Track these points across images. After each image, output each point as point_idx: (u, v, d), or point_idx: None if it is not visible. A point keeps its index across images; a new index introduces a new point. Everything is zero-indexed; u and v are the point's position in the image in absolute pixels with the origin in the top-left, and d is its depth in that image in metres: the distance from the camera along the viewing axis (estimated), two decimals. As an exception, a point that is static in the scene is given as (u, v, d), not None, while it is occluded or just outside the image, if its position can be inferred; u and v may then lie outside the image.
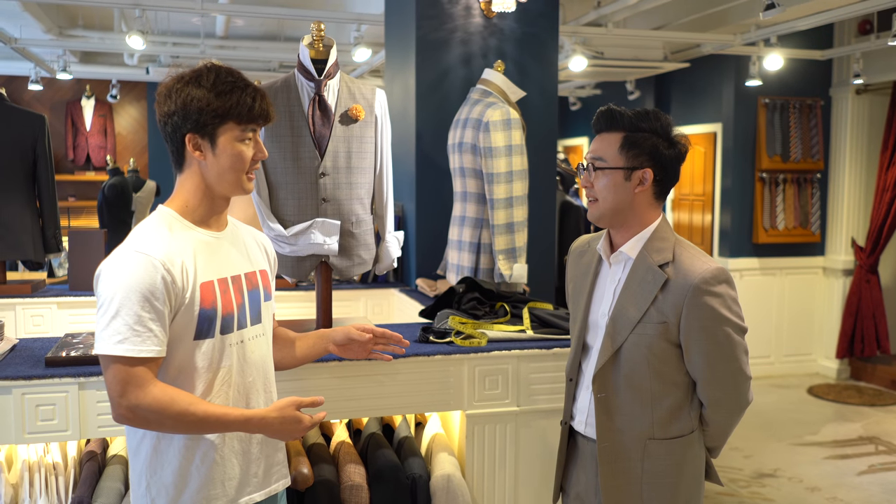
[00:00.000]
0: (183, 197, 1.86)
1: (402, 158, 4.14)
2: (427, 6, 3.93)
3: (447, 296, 3.06)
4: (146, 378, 1.69)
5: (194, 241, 1.82)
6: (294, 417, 1.82)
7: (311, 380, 2.51)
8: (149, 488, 1.81)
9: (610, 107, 2.02)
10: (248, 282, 1.92)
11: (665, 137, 1.97)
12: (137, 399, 1.67)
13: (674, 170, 2.00)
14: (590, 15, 5.72)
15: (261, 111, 1.83)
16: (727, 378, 1.96)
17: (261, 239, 2.08)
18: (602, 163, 1.99)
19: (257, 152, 1.86)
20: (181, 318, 1.76)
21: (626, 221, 2.01)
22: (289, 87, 2.66)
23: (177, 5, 5.31)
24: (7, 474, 2.39)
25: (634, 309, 1.96)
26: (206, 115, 1.78)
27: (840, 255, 7.13)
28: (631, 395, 2.00)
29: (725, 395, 1.98)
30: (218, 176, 1.83)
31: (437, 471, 2.62)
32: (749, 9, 5.98)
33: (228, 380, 1.84)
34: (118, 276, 1.69)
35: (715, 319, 1.90)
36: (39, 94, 9.64)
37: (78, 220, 9.72)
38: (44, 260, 4.02)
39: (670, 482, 2.00)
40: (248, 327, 1.90)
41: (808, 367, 7.33)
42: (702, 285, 1.89)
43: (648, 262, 1.97)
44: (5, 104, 3.89)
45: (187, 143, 1.81)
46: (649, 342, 1.94)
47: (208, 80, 1.79)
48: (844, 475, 4.86)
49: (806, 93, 7.09)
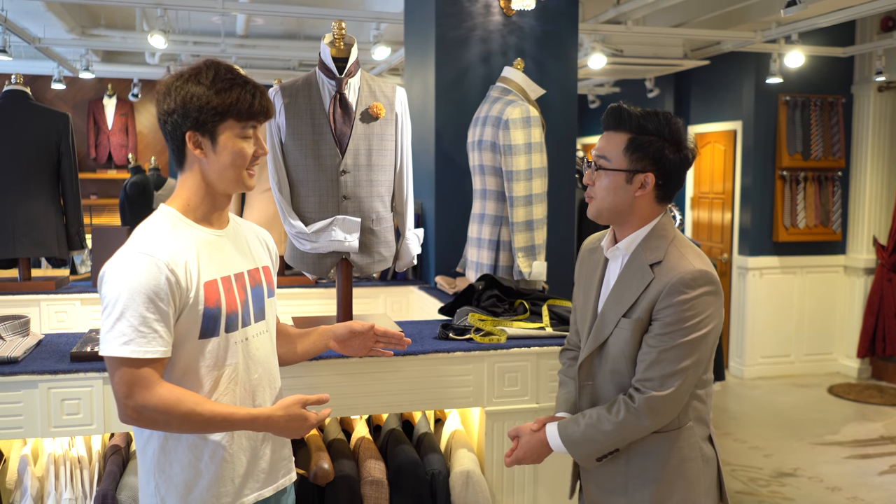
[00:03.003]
0: (184, 195, 1.85)
1: (422, 156, 4.16)
2: (447, 4, 3.94)
3: (466, 293, 3.07)
4: (152, 379, 1.68)
5: (197, 239, 1.82)
6: (300, 415, 1.82)
7: (330, 376, 2.53)
8: (157, 487, 1.81)
9: (620, 105, 1.98)
10: (251, 279, 1.92)
11: (672, 142, 1.94)
12: (144, 400, 1.67)
13: (678, 175, 1.97)
14: (609, 13, 5.70)
15: (261, 108, 1.81)
16: (661, 376, 1.89)
17: (262, 235, 2.08)
18: (605, 162, 1.98)
19: (258, 149, 1.85)
20: (186, 318, 1.75)
21: (626, 220, 2.00)
22: (310, 85, 2.68)
23: (198, 4, 5.35)
24: (33, 467, 2.43)
25: (620, 304, 1.97)
26: (205, 113, 1.76)
27: (861, 254, 7.08)
28: (615, 388, 2.01)
29: (643, 392, 1.90)
30: (219, 173, 1.82)
31: (456, 467, 2.63)
32: (770, 6, 5.94)
33: (235, 377, 1.84)
34: (122, 277, 1.69)
35: (680, 318, 1.87)
36: (62, 92, 9.73)
37: (100, 218, 9.81)
38: (68, 257, 4.07)
39: (654, 478, 1.97)
40: (251, 324, 1.89)
41: (829, 367, 7.28)
42: (678, 285, 1.87)
43: (641, 259, 1.96)
44: (30, 103, 3.94)
45: (188, 141, 1.80)
46: (627, 337, 1.95)
47: (207, 77, 1.78)
48: (865, 475, 4.82)
49: (827, 90, 7.04)
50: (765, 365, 7.14)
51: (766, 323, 7.11)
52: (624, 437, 1.95)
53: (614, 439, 1.95)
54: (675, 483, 1.97)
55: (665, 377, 1.88)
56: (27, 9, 6.35)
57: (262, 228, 2.12)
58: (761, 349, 7.13)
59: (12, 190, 3.84)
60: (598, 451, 1.98)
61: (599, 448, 1.98)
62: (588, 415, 2.00)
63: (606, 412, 1.95)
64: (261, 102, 1.81)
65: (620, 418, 1.92)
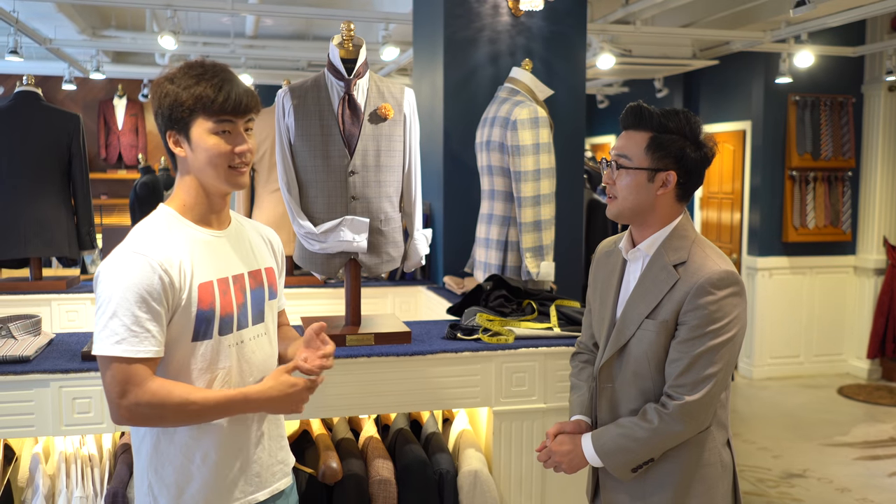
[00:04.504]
0: (181, 196, 1.84)
1: (431, 157, 4.17)
2: (455, 5, 3.95)
3: (474, 293, 3.08)
4: (144, 376, 1.67)
5: (193, 240, 1.80)
6: (289, 382, 1.80)
7: (339, 376, 2.54)
8: (151, 487, 1.81)
9: (639, 104, 1.98)
10: (252, 280, 1.89)
11: (692, 140, 1.94)
12: (136, 397, 1.65)
13: (698, 173, 1.97)
14: (618, 13, 5.70)
15: (225, 102, 1.74)
16: (693, 381, 1.88)
17: (267, 234, 2.06)
18: (626, 161, 1.97)
19: (238, 145, 1.78)
20: (179, 319, 1.74)
21: (646, 220, 1.99)
22: (319, 86, 2.69)
23: (208, 5, 5.37)
24: (45, 465, 2.45)
25: (644, 305, 1.95)
26: (176, 111, 1.75)
27: (871, 254, 7.05)
28: (636, 392, 1.99)
29: (676, 399, 1.89)
30: (200, 172, 1.80)
31: (464, 466, 2.64)
32: (779, 5, 5.93)
33: (228, 381, 1.81)
34: (116, 276, 1.68)
35: (708, 320, 1.86)
36: (73, 93, 9.79)
37: (110, 218, 9.86)
38: (78, 256, 4.10)
39: (673, 482, 1.95)
40: (249, 327, 1.86)
41: (839, 368, 7.25)
42: (706, 285, 1.86)
43: (664, 260, 1.95)
44: (41, 104, 3.97)
45: (168, 140, 1.80)
46: (651, 338, 1.93)
47: (179, 74, 1.76)
48: (875, 476, 4.81)
49: (837, 90, 7.01)
50: (774, 365, 7.12)
51: (776, 323, 7.09)
52: (659, 445, 1.92)
53: (649, 448, 1.93)
54: (693, 488, 1.96)
55: (697, 382, 1.87)
56: (38, 10, 6.39)
57: (268, 227, 2.10)
58: (771, 350, 7.11)
59: (23, 190, 3.87)
60: (632, 460, 1.95)
61: (634, 458, 1.95)
62: (621, 424, 1.97)
63: (640, 420, 1.93)
64: (227, 96, 1.74)
65: (655, 426, 1.90)
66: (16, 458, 2.58)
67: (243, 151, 1.79)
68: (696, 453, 1.96)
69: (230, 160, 1.78)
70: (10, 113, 3.90)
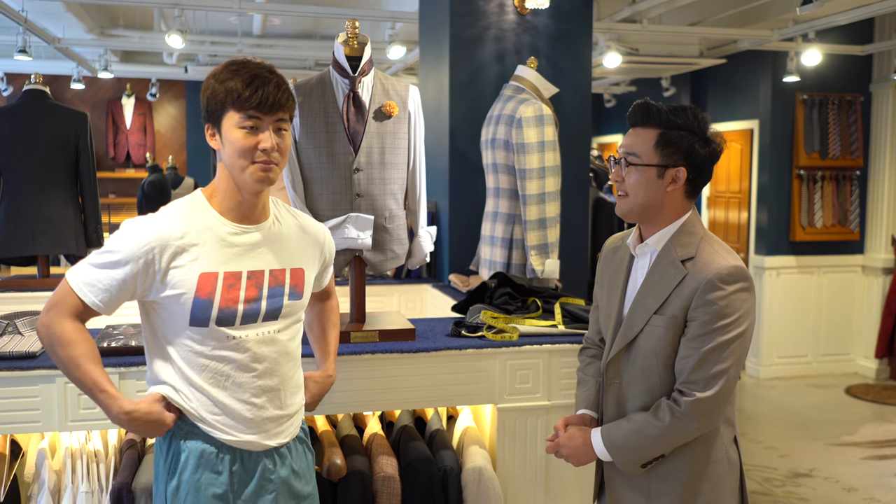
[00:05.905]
0: (214, 183, 1.91)
1: (436, 155, 4.17)
2: (461, 3, 3.95)
3: (479, 291, 3.08)
4: (71, 311, 1.78)
5: (211, 229, 1.84)
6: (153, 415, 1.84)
7: (344, 372, 2.55)
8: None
9: (647, 101, 1.98)
10: (273, 278, 1.90)
11: (701, 136, 1.94)
12: (51, 319, 1.78)
13: (707, 169, 1.97)
14: (624, 11, 5.69)
15: (252, 97, 1.77)
16: (705, 378, 1.88)
17: (316, 232, 2.07)
18: (635, 158, 1.97)
19: (263, 142, 1.81)
20: (169, 302, 1.81)
21: (655, 217, 1.99)
22: (324, 84, 2.70)
23: (215, 4, 5.39)
24: (51, 461, 2.47)
25: (652, 301, 1.95)
26: (211, 103, 1.82)
27: (879, 254, 7.02)
28: (643, 388, 1.98)
29: (688, 395, 1.89)
30: (230, 165, 1.84)
31: (468, 463, 2.64)
32: (786, 4, 5.91)
33: (225, 372, 1.85)
34: (122, 233, 1.82)
35: (718, 316, 1.86)
36: (81, 92, 9.83)
37: (118, 217, 9.90)
38: (85, 254, 4.10)
39: (680, 479, 1.95)
40: (258, 323, 1.88)
41: (847, 367, 7.22)
42: (714, 280, 1.86)
43: (672, 255, 1.95)
44: (49, 102, 3.99)
45: (206, 133, 1.87)
46: (660, 334, 1.93)
47: (221, 69, 1.83)
48: (882, 476, 4.79)
49: (845, 88, 6.99)
50: (781, 365, 7.10)
51: (783, 323, 7.07)
52: (670, 441, 1.92)
53: (660, 444, 1.93)
54: (700, 485, 1.96)
55: (709, 378, 1.87)
56: (47, 9, 6.42)
57: (320, 225, 2.11)
58: (778, 349, 7.09)
59: (31, 188, 3.89)
60: (642, 457, 1.95)
61: (644, 454, 1.95)
62: (632, 419, 1.97)
63: (651, 417, 1.92)
64: (254, 93, 1.78)
65: (667, 423, 1.89)
66: (22, 454, 2.60)
67: (267, 148, 1.82)
68: (704, 450, 1.96)
69: (254, 155, 1.82)
70: (17, 111, 3.92)
